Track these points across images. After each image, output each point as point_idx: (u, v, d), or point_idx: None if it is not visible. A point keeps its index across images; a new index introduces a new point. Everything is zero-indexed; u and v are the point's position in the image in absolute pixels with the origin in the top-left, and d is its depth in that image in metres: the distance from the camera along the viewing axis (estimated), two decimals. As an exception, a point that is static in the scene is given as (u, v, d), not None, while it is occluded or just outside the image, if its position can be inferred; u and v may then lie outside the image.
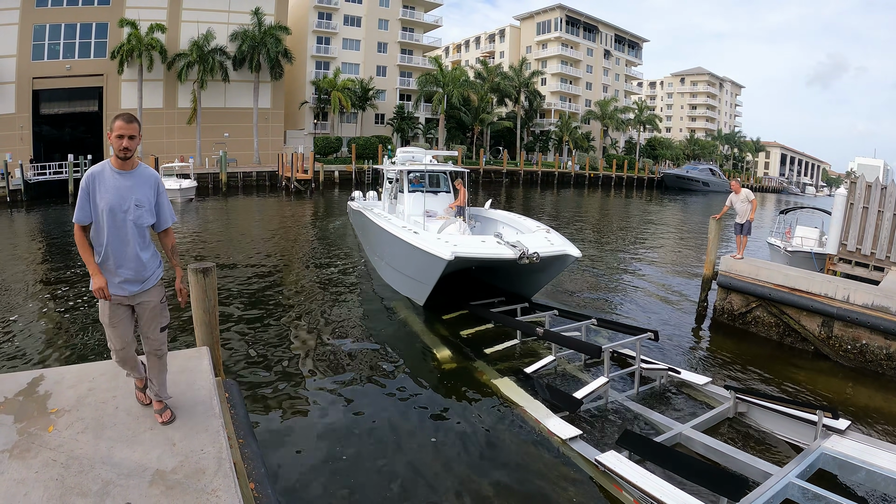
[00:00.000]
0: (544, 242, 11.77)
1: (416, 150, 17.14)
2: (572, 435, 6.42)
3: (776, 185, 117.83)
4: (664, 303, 14.13)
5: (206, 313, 5.34)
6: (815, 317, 10.43)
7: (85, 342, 9.53)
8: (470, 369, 8.92)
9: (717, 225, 12.79)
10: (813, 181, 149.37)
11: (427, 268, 11.00)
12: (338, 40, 64.48)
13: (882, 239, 12.69)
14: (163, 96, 49.89)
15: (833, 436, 6.35)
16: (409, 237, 11.66)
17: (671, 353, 10.22)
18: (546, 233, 12.83)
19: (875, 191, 12.74)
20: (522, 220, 14.49)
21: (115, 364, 5.09)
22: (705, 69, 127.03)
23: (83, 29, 46.13)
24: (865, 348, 9.72)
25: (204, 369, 4.90)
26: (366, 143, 57.51)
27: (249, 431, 4.53)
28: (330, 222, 28.28)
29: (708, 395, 8.05)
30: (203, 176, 42.12)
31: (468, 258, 10.68)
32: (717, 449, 6.27)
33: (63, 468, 3.48)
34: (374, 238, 15.08)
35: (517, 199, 46.49)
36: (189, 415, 4.17)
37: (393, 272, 13.46)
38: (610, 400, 7.78)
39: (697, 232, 30.81)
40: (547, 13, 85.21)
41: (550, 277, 12.47)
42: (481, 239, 11.86)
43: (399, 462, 6.20)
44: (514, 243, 11.23)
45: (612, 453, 5.87)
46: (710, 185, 77.96)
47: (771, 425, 7.17)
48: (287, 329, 10.85)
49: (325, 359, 9.34)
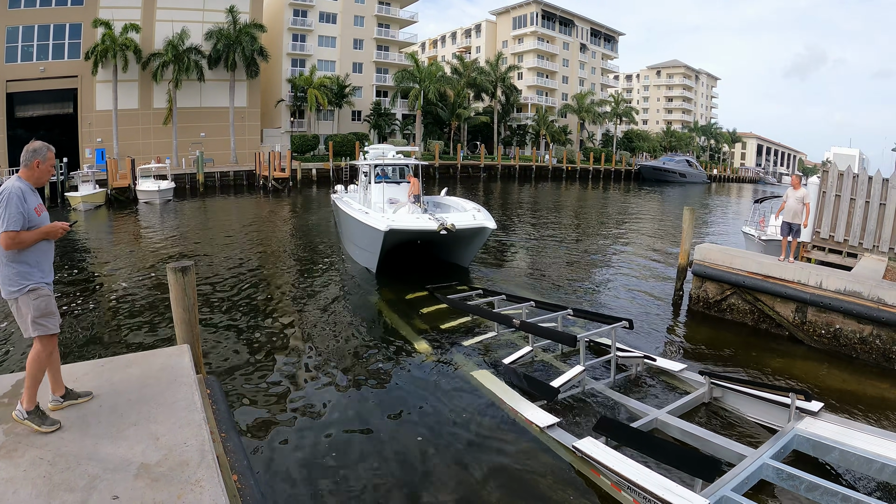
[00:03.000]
0: (469, 218, 14.70)
1: (386, 146, 19.27)
2: (550, 423, 6.56)
3: (752, 175, 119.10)
4: (640, 292, 14.40)
5: (186, 311, 5.46)
6: (788, 303, 10.66)
7: (66, 343, 9.55)
8: (449, 361, 9.11)
9: (691, 214, 12.98)
10: (789, 171, 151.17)
11: (373, 239, 14.00)
12: (313, 37, 64.05)
13: (855, 226, 13.02)
14: (138, 97, 49.13)
15: (806, 417, 6.53)
16: (361, 216, 14.70)
17: (647, 341, 10.47)
18: (476, 211, 15.39)
19: (847, 179, 13.03)
20: (463, 203, 16.98)
21: (98, 364, 5.23)
22: (681, 62, 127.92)
23: (56, 30, 45.25)
24: (839, 333, 9.97)
25: (185, 366, 5.03)
26: (343, 140, 57.18)
27: (231, 425, 4.68)
28: (308, 220, 28.30)
29: (683, 381, 8.24)
30: (180, 177, 41.65)
31: (400, 230, 13.52)
32: (693, 433, 6.42)
33: (50, 466, 3.60)
34: (342, 221, 18.18)
35: (495, 194, 46.66)
36: (171, 410, 4.30)
37: (354, 247, 16.61)
38: (587, 388, 7.95)
39: (673, 222, 31.20)
40: (523, 7, 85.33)
41: (477, 247, 15.38)
42: (416, 216, 14.71)
43: (379, 453, 6.34)
44: (438, 218, 13.96)
45: (590, 439, 5.98)
46: (686, 176, 78.71)
47: (745, 409, 7.36)
48: (266, 326, 10.99)
49: (305, 353, 9.52)
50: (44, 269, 4.21)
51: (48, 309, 4.15)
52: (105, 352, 9.34)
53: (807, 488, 5.30)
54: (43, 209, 4.29)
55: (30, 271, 4.10)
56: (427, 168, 54.14)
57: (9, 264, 4.04)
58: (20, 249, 4.02)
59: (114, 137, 46.38)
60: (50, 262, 4.33)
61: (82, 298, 12.73)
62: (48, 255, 4.31)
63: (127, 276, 15.05)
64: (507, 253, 20.00)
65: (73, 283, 14.28)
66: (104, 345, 9.80)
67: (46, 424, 4.06)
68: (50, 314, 4.17)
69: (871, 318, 9.47)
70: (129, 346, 9.53)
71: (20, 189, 4.04)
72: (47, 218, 4.32)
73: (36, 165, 4.19)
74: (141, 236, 22.82)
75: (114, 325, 11.00)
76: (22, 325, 4.14)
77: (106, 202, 33.46)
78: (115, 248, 20.23)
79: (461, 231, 13.88)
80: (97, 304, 12.40)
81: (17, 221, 3.95)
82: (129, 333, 10.36)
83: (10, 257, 4.02)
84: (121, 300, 12.68)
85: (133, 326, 10.77)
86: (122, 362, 5.26)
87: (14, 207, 3.94)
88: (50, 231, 4.19)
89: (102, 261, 17.76)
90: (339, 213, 18.51)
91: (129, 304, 12.30)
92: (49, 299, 4.18)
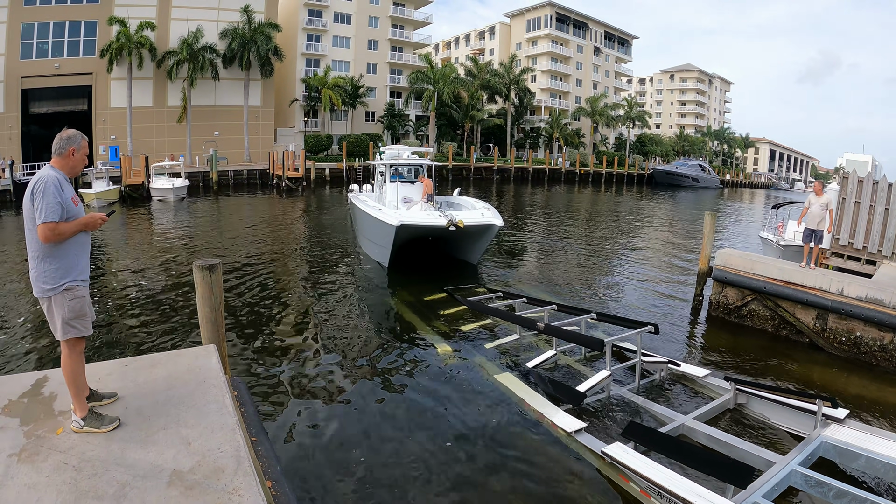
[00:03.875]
0: (477, 216, 15.13)
1: (402, 147, 19.96)
2: (577, 427, 6.41)
3: (765, 180, 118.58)
4: (659, 296, 14.23)
5: (212, 310, 5.25)
6: (809, 310, 10.59)
7: (90, 341, 9.32)
8: (471, 364, 8.93)
9: (711, 219, 12.85)
10: (802, 177, 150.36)
11: (385, 234, 14.48)
12: (328, 38, 64.16)
13: (874, 233, 12.84)
14: (152, 95, 49.43)
15: (832, 424, 6.45)
16: (374, 212, 15.18)
17: (668, 346, 10.28)
18: (485, 210, 15.78)
19: (867, 186, 12.87)
20: (474, 202, 17.40)
21: (122, 364, 5.03)
22: (694, 66, 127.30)
23: (72, 27, 45.59)
24: (859, 340, 9.91)
25: (213, 367, 4.83)
26: (356, 140, 57.18)
27: (261, 429, 4.47)
28: (322, 219, 28.25)
29: (707, 386, 8.13)
30: (194, 175, 41.79)
31: (411, 225, 14.08)
32: (720, 439, 6.34)
33: (75, 471, 3.38)
34: (357, 218, 18.79)
35: (508, 196, 46.48)
36: (202, 414, 4.08)
37: (368, 242, 17.13)
38: (612, 393, 7.82)
39: (688, 227, 30.96)
40: (537, 10, 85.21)
41: (485, 244, 15.62)
42: (426, 213, 15.22)
43: (407, 457, 6.18)
44: (447, 215, 14.47)
45: (619, 445, 5.85)
46: (699, 181, 78.36)
47: (770, 415, 7.29)
48: (284, 325, 10.86)
49: (325, 354, 9.35)
50: (81, 266, 3.96)
51: (82, 310, 3.91)
52: (126, 351, 9.15)
53: (835, 495, 5.24)
54: (79, 200, 4.03)
55: (68, 267, 3.85)
56: (440, 170, 54.15)
57: (45, 259, 3.78)
58: (58, 243, 3.77)
59: (128, 135, 46.61)
60: (87, 258, 4.07)
61: (100, 295, 12.57)
62: (85, 249, 4.05)
63: (143, 274, 14.95)
64: (523, 255, 19.84)
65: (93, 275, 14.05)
66: (124, 344, 9.60)
67: (106, 424, 3.87)
68: (83, 315, 3.92)
69: (893, 325, 9.47)
70: (153, 346, 9.34)
71: (56, 178, 3.80)
72: (83, 209, 4.05)
73: (71, 154, 3.95)
74: (155, 234, 22.75)
75: (134, 323, 10.76)
76: (53, 326, 3.89)
77: (119, 199, 33.51)
78: (129, 245, 20.19)
79: (469, 228, 14.46)
80: (116, 302, 12.20)
81: (56, 212, 3.70)
82: (150, 332, 10.16)
83: (47, 251, 3.77)
84: (140, 298, 12.51)
85: (153, 324, 10.60)
86: (147, 362, 5.04)
87: (52, 197, 3.70)
88: (89, 222, 3.93)
89: (118, 258, 17.66)
90: (354, 210, 19.04)
91: (149, 303, 12.13)
92: (84, 300, 3.93)
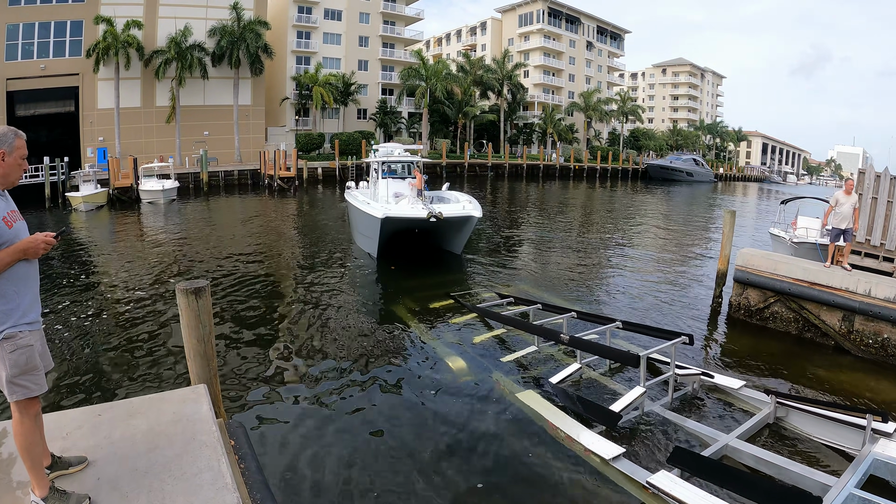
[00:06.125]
0: (458, 208, 16.35)
1: (395, 145, 20.89)
2: (615, 454, 5.84)
3: (758, 174, 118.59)
4: (673, 298, 13.70)
5: (201, 342, 4.44)
6: (835, 311, 10.26)
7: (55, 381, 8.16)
8: (487, 381, 8.30)
9: (731, 217, 12.41)
10: (794, 170, 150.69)
11: (372, 225, 15.69)
12: (318, 34, 63.27)
13: (892, 229, 12.50)
14: (140, 95, 48.50)
15: (881, 439, 6.05)
16: (363, 206, 16.41)
17: (690, 350, 9.65)
18: (467, 202, 16.97)
19: (885, 181, 12.45)
20: (459, 195, 18.36)
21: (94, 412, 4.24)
22: (686, 60, 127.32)
23: (58, 27, 44.57)
24: (887, 342, 9.61)
25: (203, 416, 4.09)
26: (349, 138, 56.38)
27: (264, 487, 3.78)
28: (316, 219, 27.65)
29: (744, 399, 7.66)
30: (183, 176, 41.10)
31: (395, 217, 15.21)
32: (767, 460, 5.90)
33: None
34: (351, 213, 20.07)
35: (502, 193, 45.95)
36: (192, 487, 3.28)
37: (359, 235, 18.40)
38: (645, 410, 7.23)
39: (687, 223, 30.55)
40: (528, 5, 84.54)
41: (466, 234, 16.89)
42: (411, 206, 16.20)
43: (426, 490, 5.61)
44: (429, 208, 15.42)
45: (664, 473, 5.37)
46: (693, 175, 78.33)
47: (813, 430, 6.83)
48: (283, 346, 9.95)
49: (328, 381, 8.35)
50: (24, 305, 3.03)
51: (30, 363, 3.01)
52: (101, 392, 7.79)
53: None
54: (18, 218, 3.10)
55: (6, 311, 2.93)
56: (435, 167, 53.61)
57: None
58: None
59: (116, 136, 45.70)
60: (34, 292, 3.15)
61: (75, 318, 11.06)
62: (29, 284, 3.11)
63: (127, 289, 13.64)
64: (524, 255, 19.33)
65: (65, 297, 12.61)
66: (98, 383, 8.13)
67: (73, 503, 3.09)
68: (32, 369, 3.03)
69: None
70: (133, 382, 8.09)
71: None
72: (24, 229, 3.14)
73: (0, 158, 3.00)
74: (145, 240, 21.86)
75: (111, 356, 9.26)
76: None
77: (108, 202, 32.77)
78: (116, 254, 19.12)
79: (449, 219, 15.42)
80: (92, 325, 10.72)
81: None
82: (129, 365, 8.79)
83: None
84: (120, 320, 11.07)
85: (135, 352, 9.31)
86: (124, 410, 4.24)
87: None
88: (28, 247, 2.98)
89: (100, 270, 16.33)
90: (349, 206, 19.97)
91: (131, 325, 10.71)
92: (31, 350, 3.02)
